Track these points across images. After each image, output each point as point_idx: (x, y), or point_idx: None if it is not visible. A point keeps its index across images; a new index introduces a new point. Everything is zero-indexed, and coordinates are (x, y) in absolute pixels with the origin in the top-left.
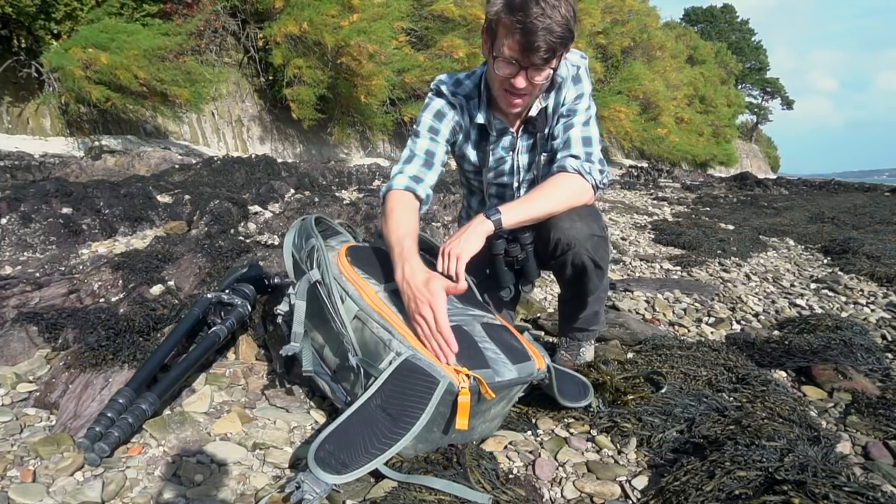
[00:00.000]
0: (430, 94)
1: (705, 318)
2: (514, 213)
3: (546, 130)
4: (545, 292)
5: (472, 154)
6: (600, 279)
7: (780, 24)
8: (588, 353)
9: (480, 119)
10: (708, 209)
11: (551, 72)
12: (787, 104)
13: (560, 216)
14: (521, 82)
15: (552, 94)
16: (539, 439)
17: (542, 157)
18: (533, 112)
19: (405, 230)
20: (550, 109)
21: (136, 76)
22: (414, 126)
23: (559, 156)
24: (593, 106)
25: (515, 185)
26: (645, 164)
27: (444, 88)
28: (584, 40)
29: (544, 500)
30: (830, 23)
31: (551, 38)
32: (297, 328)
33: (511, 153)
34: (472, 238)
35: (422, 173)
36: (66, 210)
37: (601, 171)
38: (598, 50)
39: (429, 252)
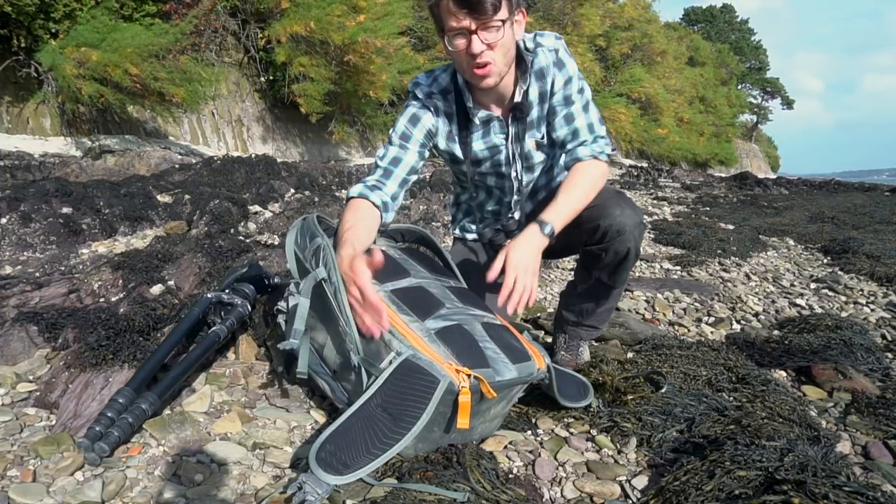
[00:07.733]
0: (408, 98)
1: (705, 318)
2: (561, 218)
3: (534, 116)
4: (545, 292)
5: (457, 149)
6: (630, 270)
7: (764, 27)
8: (586, 353)
9: (469, 103)
10: (708, 209)
11: (503, 27)
12: (788, 104)
13: (606, 203)
14: (477, 46)
15: (533, 81)
16: (539, 439)
17: (532, 143)
18: (518, 98)
19: (349, 224)
20: (536, 96)
21: (127, 72)
22: (391, 131)
23: (569, 147)
24: (586, 87)
25: (514, 174)
26: (645, 164)
27: (418, 91)
28: (583, 44)
29: (544, 499)
30: (814, 26)
31: None
32: (298, 325)
33: (506, 141)
34: (537, 264)
35: (380, 183)
36: (66, 210)
37: (606, 143)
38: (598, 54)
39: (425, 244)
